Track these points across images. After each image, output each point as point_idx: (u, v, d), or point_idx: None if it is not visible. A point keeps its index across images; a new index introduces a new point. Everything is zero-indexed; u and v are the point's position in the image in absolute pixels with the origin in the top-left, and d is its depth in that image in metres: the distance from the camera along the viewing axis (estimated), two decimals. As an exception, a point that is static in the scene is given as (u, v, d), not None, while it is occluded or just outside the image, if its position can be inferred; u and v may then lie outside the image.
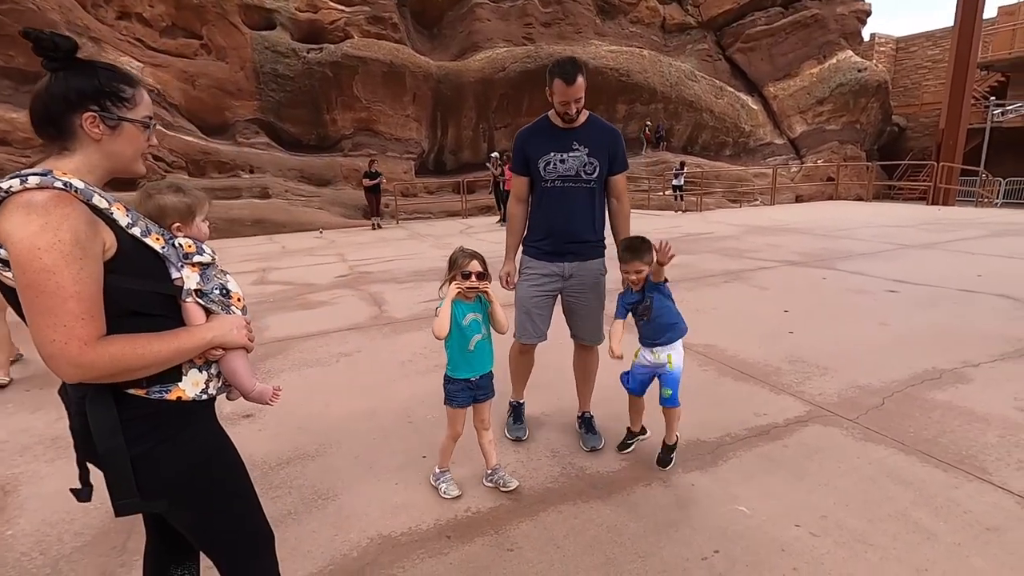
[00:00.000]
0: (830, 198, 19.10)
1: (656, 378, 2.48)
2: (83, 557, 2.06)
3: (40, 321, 0.98)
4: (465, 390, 2.26)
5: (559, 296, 2.70)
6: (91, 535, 2.18)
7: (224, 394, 1.31)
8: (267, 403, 1.38)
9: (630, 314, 2.43)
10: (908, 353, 3.72)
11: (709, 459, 2.53)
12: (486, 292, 2.17)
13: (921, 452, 2.51)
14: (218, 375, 1.26)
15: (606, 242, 2.70)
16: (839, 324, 4.44)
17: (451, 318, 2.13)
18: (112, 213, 1.08)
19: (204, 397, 1.21)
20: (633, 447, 2.66)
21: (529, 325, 2.67)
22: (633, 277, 2.35)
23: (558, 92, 2.40)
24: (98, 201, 1.06)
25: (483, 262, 2.18)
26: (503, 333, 2.28)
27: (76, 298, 0.98)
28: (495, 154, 15.09)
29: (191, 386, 1.18)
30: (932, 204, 15.90)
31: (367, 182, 14.10)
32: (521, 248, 2.75)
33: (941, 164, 17.40)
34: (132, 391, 1.11)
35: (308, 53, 16.55)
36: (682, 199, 17.50)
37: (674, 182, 17.70)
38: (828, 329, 4.32)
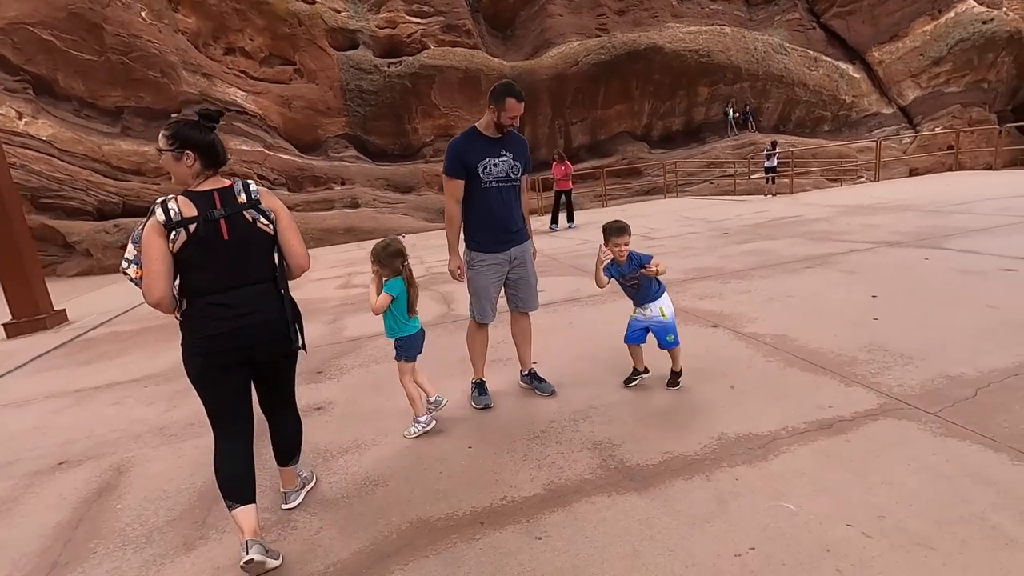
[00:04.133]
0: (951, 169, 17.00)
1: (650, 331, 3.08)
2: (172, 529, 2.36)
3: (300, 240, 2.16)
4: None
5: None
6: (180, 511, 2.50)
7: None
8: None
9: (613, 280, 3.08)
10: (1018, 339, 3.28)
11: (759, 453, 2.40)
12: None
13: (1014, 449, 2.22)
14: None
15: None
16: (936, 308, 3.99)
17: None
18: None
19: None
20: (637, 382, 3.23)
21: (489, 308, 3.16)
22: (623, 248, 2.93)
23: (510, 108, 2.83)
24: None
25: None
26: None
27: None
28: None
29: None
30: (1082, 167, 13.66)
31: None
32: (464, 244, 3.11)
33: (1094, 120, 14.88)
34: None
35: (389, 67, 17.43)
36: (774, 181, 16.40)
37: (766, 164, 16.61)
38: (921, 314, 3.90)
